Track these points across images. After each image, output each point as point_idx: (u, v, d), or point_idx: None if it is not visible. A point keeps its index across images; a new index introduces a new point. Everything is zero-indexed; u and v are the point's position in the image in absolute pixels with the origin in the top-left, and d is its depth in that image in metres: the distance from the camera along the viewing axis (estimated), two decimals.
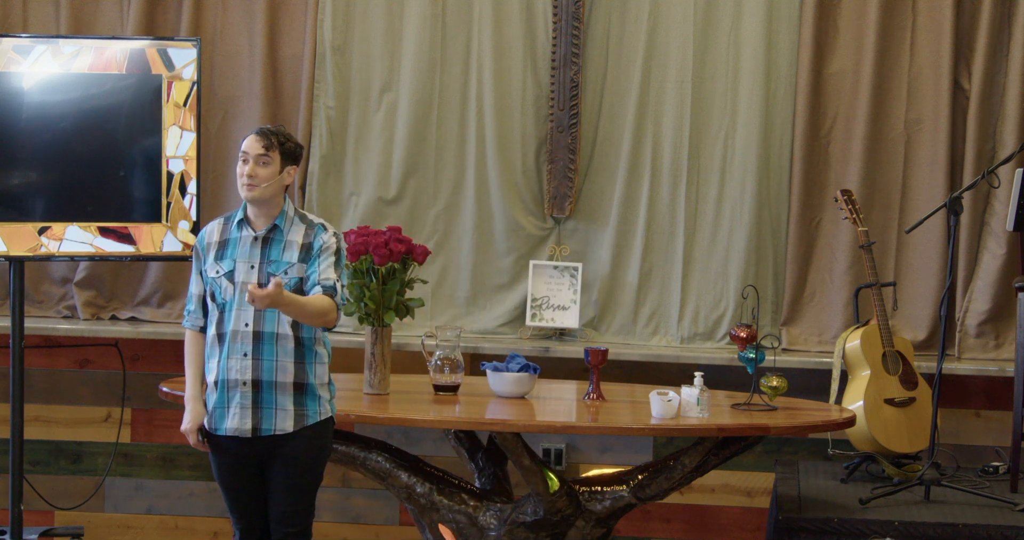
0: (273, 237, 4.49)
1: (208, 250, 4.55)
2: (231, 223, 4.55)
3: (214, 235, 4.56)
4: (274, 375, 4.44)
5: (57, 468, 6.26)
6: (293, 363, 4.46)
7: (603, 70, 6.12)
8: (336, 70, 6.12)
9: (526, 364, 5.25)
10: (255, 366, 4.43)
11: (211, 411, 4.50)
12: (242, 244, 4.50)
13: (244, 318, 4.44)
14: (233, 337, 4.44)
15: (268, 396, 4.44)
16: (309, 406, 4.49)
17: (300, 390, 4.47)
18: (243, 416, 4.45)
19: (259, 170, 4.44)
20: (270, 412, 4.45)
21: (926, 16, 6.00)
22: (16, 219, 5.42)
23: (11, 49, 5.39)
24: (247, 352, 4.43)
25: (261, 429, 4.45)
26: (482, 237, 6.17)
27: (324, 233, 4.52)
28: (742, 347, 5.24)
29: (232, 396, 4.45)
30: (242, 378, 4.44)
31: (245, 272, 4.47)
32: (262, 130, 4.51)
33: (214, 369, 4.49)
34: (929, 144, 6.02)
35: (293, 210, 4.55)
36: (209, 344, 4.52)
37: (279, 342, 4.44)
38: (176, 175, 5.53)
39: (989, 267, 5.98)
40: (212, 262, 4.52)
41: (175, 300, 6.24)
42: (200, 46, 5.55)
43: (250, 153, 4.46)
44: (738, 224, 6.07)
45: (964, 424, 6.04)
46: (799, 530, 5.10)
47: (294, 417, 4.46)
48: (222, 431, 4.48)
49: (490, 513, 5.13)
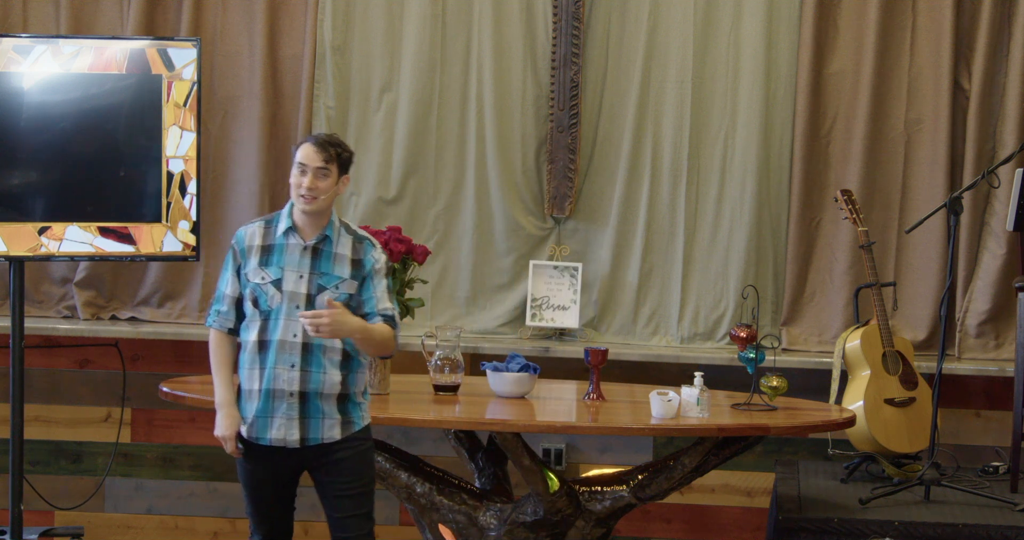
0: (323, 248, 4.38)
1: (250, 253, 4.41)
2: (274, 227, 4.42)
3: (255, 238, 4.42)
4: (321, 386, 4.35)
5: (57, 468, 6.26)
6: (340, 374, 4.38)
7: (603, 70, 6.12)
8: (336, 70, 6.12)
9: (526, 364, 5.25)
10: (303, 377, 4.34)
11: (252, 420, 4.38)
12: (290, 252, 4.38)
13: (293, 329, 4.33)
14: (280, 347, 4.34)
15: (314, 406, 4.36)
16: (353, 413, 4.42)
17: (344, 400, 4.40)
18: (289, 426, 4.35)
19: (319, 183, 4.33)
20: (317, 422, 4.37)
21: (926, 16, 6.00)
22: (16, 219, 5.42)
23: (11, 49, 5.39)
24: (295, 363, 4.33)
25: (308, 438, 4.37)
26: (482, 237, 6.17)
27: (374, 250, 4.43)
28: (742, 347, 5.24)
29: (278, 406, 4.35)
30: (289, 389, 4.34)
31: (294, 282, 4.36)
32: (320, 141, 4.38)
33: (256, 377, 4.37)
34: (929, 144, 6.02)
35: (338, 220, 4.45)
36: (247, 350, 4.40)
37: (327, 354, 4.35)
38: (176, 175, 5.53)
39: (989, 267, 5.98)
40: (256, 267, 4.39)
41: (175, 300, 6.24)
42: (200, 46, 5.55)
43: (309, 165, 4.34)
44: (738, 224, 6.07)
45: (964, 424, 6.04)
46: (799, 530, 5.10)
47: (341, 425, 4.39)
48: (265, 441, 4.38)
49: (490, 513, 5.13)
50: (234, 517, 6.24)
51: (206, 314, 4.56)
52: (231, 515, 6.25)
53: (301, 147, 4.38)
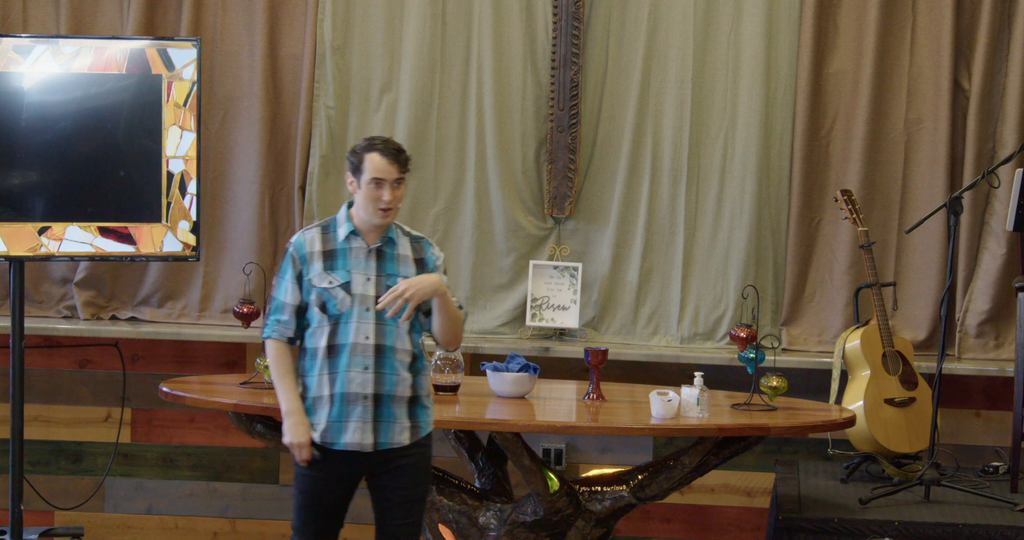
0: (387, 250, 4.39)
1: (311, 259, 4.38)
2: (332, 232, 4.40)
3: (315, 244, 4.39)
4: (394, 389, 4.35)
5: (57, 468, 6.26)
6: (410, 376, 4.38)
7: (603, 70, 6.12)
8: (336, 70, 6.12)
9: (526, 364, 5.25)
10: (376, 379, 4.33)
11: (325, 425, 4.35)
12: (354, 255, 4.37)
13: (364, 331, 4.33)
14: (353, 350, 4.33)
15: (387, 410, 4.35)
16: (420, 418, 4.42)
17: (413, 403, 4.39)
18: (364, 430, 4.34)
19: (397, 193, 4.34)
20: (388, 426, 4.36)
21: (926, 16, 6.00)
22: (16, 219, 5.42)
23: (11, 49, 5.39)
24: (368, 365, 4.33)
25: (381, 443, 4.36)
26: (482, 237, 6.17)
27: (432, 248, 4.46)
28: (742, 347, 5.24)
29: (352, 410, 4.33)
30: (363, 392, 4.33)
31: (362, 284, 4.35)
32: (392, 151, 4.36)
33: (327, 382, 4.35)
34: (929, 144, 6.02)
35: (393, 222, 4.45)
36: (315, 356, 4.37)
37: (398, 355, 4.35)
38: (176, 175, 5.53)
39: (989, 267, 5.98)
40: (321, 272, 4.36)
41: (175, 300, 6.24)
42: (200, 46, 5.55)
43: (387, 179, 4.32)
44: (738, 224, 6.07)
45: (964, 424, 6.04)
46: (799, 530, 5.10)
47: (410, 430, 4.39)
48: (340, 446, 4.36)
49: (490, 513, 5.13)
50: (234, 517, 6.25)
51: (262, 326, 4.47)
52: (231, 515, 6.25)
53: (370, 158, 4.33)
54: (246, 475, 6.25)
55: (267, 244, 6.19)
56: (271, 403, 5.01)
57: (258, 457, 6.23)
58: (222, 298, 6.20)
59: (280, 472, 6.23)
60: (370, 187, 4.32)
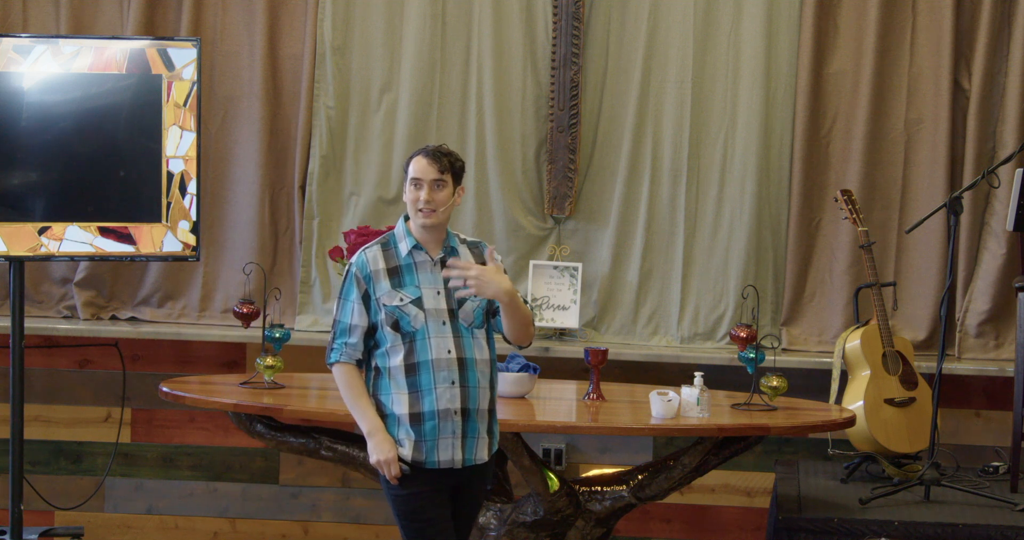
0: (450, 258, 4.26)
1: (377, 278, 4.25)
2: (394, 248, 4.29)
3: (379, 262, 4.26)
4: (477, 402, 4.25)
5: (57, 468, 6.26)
6: (489, 388, 4.29)
7: (603, 70, 6.12)
8: (336, 70, 6.12)
9: (526, 364, 5.25)
10: (463, 394, 4.22)
11: (415, 444, 4.22)
12: (420, 270, 4.26)
13: (445, 345, 4.22)
14: (437, 366, 4.21)
15: (472, 424, 4.25)
16: (493, 432, 4.34)
17: (490, 416, 4.32)
18: (455, 447, 4.24)
19: (436, 195, 4.22)
20: (473, 441, 4.26)
21: (926, 16, 6.00)
22: (16, 219, 5.42)
23: (11, 49, 5.39)
24: (454, 380, 4.21)
25: (467, 459, 4.26)
26: (482, 237, 6.15)
27: (490, 250, 4.31)
28: (742, 347, 5.24)
29: (444, 427, 4.22)
30: (453, 407, 4.21)
31: (433, 298, 4.23)
32: (432, 152, 4.27)
33: (407, 401, 4.22)
34: (929, 144, 6.02)
35: (453, 234, 4.36)
36: (391, 376, 4.24)
37: (479, 367, 4.25)
38: (176, 175, 5.53)
39: (989, 267, 5.98)
40: (390, 290, 4.23)
41: (175, 300, 6.24)
42: (200, 46, 5.55)
43: (424, 179, 4.22)
44: (738, 224, 6.07)
45: (964, 424, 6.04)
46: (799, 530, 5.10)
47: (488, 445, 4.31)
48: (432, 464, 4.23)
49: (490, 513, 5.13)
50: (234, 517, 6.25)
51: (327, 351, 4.31)
52: (231, 515, 6.25)
53: (413, 161, 4.26)
54: (246, 475, 6.25)
55: (267, 244, 6.19)
56: (271, 403, 5.02)
57: (258, 457, 6.23)
58: (222, 298, 6.20)
59: (280, 472, 6.23)
60: (410, 188, 4.25)
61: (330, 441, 5.13)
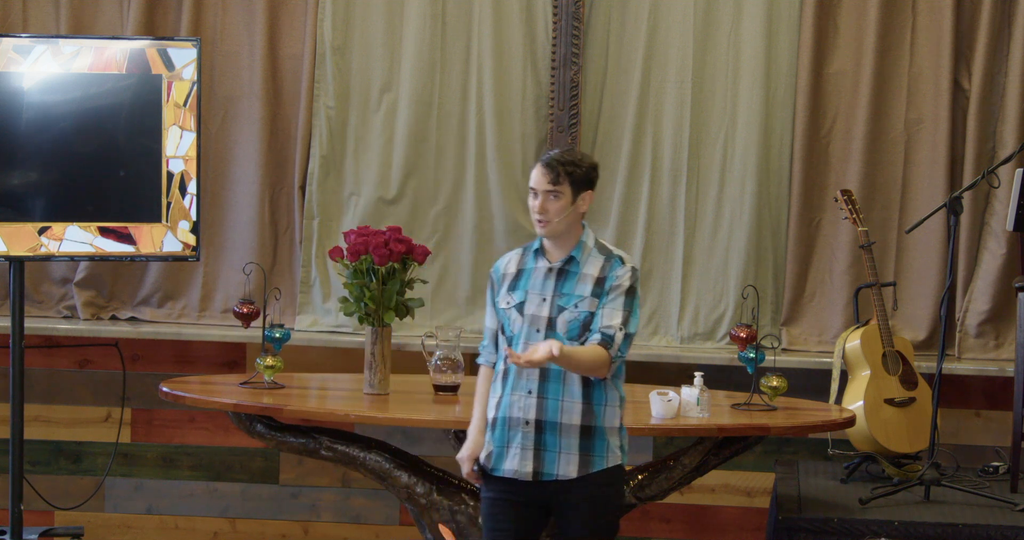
0: (568, 269, 4.20)
1: (503, 281, 4.28)
2: (528, 253, 4.29)
3: (511, 266, 4.29)
4: (559, 416, 4.14)
5: (57, 468, 6.26)
6: (580, 404, 4.15)
7: (603, 70, 6.12)
8: (336, 70, 6.12)
9: None
10: (539, 405, 4.15)
11: (492, 450, 4.23)
12: (535, 276, 4.23)
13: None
14: (519, 373, 4.17)
15: (551, 438, 4.15)
16: (596, 450, 4.17)
17: (587, 434, 4.16)
18: (523, 458, 4.16)
19: (549, 205, 4.14)
20: (553, 456, 4.15)
21: (926, 16, 6.00)
22: (16, 219, 5.42)
23: (11, 49, 5.39)
24: (532, 389, 4.16)
25: (543, 473, 4.16)
26: (482, 237, 6.16)
27: (620, 268, 4.20)
28: (742, 347, 5.24)
29: (513, 436, 4.18)
30: (524, 417, 4.16)
31: (536, 305, 4.19)
32: (548, 162, 4.18)
33: (494, 405, 4.24)
34: (929, 144, 6.02)
35: (593, 240, 4.25)
36: (496, 379, 4.26)
37: (566, 381, 4.15)
38: (176, 175, 5.53)
39: (989, 267, 5.98)
40: (504, 293, 4.26)
41: (175, 300, 6.24)
42: (200, 46, 5.55)
43: (538, 188, 4.16)
44: (738, 224, 6.07)
45: (964, 424, 6.04)
46: (799, 530, 5.09)
47: (579, 462, 4.15)
48: (500, 472, 4.21)
49: None
50: (234, 517, 6.25)
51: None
52: (231, 515, 6.25)
53: (534, 169, 4.21)
54: (246, 475, 6.24)
55: (267, 244, 6.19)
56: (271, 403, 5.02)
57: (258, 457, 6.23)
58: (222, 298, 6.20)
59: (280, 472, 6.23)
60: (530, 197, 4.22)
61: (330, 441, 5.12)
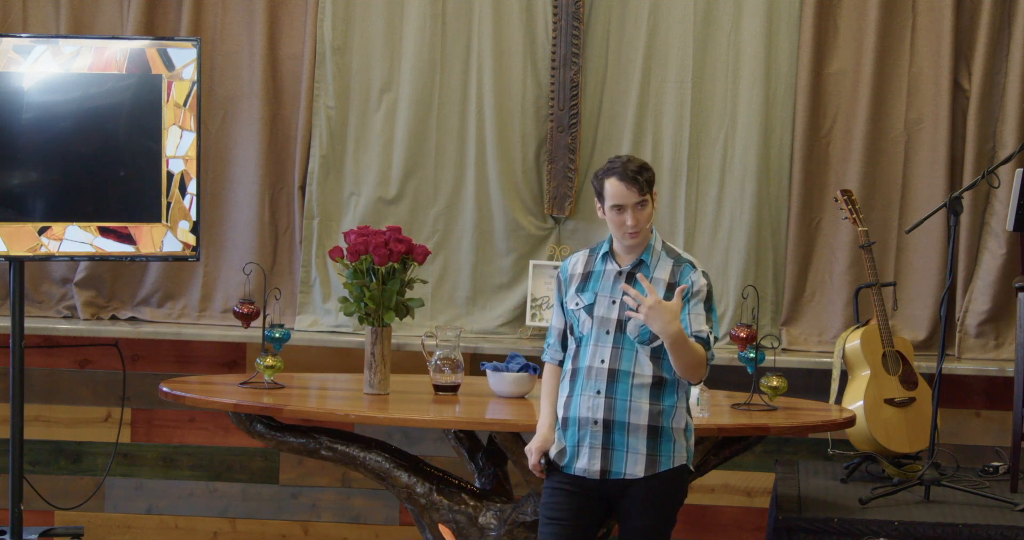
0: (638, 273, 4.24)
1: (571, 281, 4.34)
2: (596, 255, 4.34)
3: (579, 266, 4.35)
4: (627, 416, 4.21)
5: (57, 468, 6.26)
6: (648, 404, 4.22)
7: (603, 70, 6.12)
8: (336, 70, 6.12)
9: (526, 364, 5.25)
10: (607, 405, 4.21)
11: (563, 448, 4.29)
12: (605, 278, 4.29)
13: (600, 354, 4.24)
14: (588, 373, 4.24)
15: (620, 438, 4.22)
16: (663, 449, 4.24)
17: (655, 434, 4.23)
18: (592, 457, 4.23)
19: (640, 216, 4.24)
20: (621, 454, 4.22)
21: (926, 16, 6.00)
22: (16, 219, 5.42)
23: (11, 49, 5.39)
24: (600, 390, 4.22)
25: (611, 472, 4.23)
26: (482, 237, 6.16)
27: (693, 273, 4.28)
28: (742, 347, 5.24)
29: (583, 435, 4.24)
30: (593, 416, 4.22)
31: (605, 307, 4.25)
32: (629, 176, 4.25)
33: (564, 405, 4.29)
34: (929, 144, 6.02)
35: (660, 243, 4.33)
36: (565, 378, 4.32)
37: (635, 381, 4.22)
38: (176, 175, 5.53)
39: (989, 267, 5.98)
40: (573, 294, 4.31)
41: (175, 300, 6.24)
42: (200, 46, 5.55)
43: (627, 204, 4.23)
44: (738, 224, 6.07)
45: (964, 424, 6.05)
46: (799, 530, 5.10)
47: (646, 462, 4.23)
48: (570, 470, 4.28)
49: (490, 513, 5.13)
50: (234, 517, 6.25)
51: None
52: (231, 515, 6.25)
53: (608, 183, 4.25)
54: (246, 475, 6.25)
55: (267, 244, 6.19)
56: (271, 403, 5.02)
57: (258, 457, 6.23)
58: (222, 298, 6.21)
59: (280, 472, 6.23)
60: (612, 213, 4.25)
61: (330, 441, 5.13)
